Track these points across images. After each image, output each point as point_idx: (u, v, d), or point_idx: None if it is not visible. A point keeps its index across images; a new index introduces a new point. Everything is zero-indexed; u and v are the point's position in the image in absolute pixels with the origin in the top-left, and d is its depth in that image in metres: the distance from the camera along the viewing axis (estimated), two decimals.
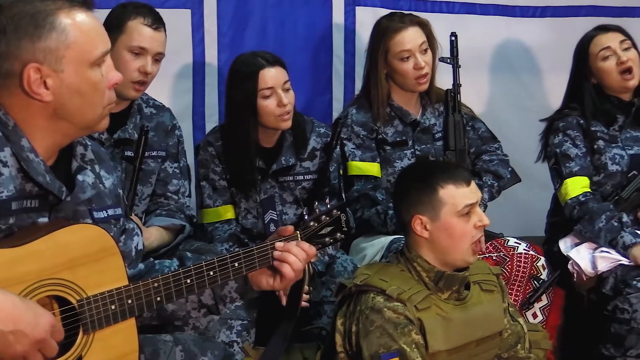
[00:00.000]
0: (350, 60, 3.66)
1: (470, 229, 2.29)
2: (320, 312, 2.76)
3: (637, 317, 2.82)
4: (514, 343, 2.46)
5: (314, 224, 2.03)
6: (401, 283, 2.27)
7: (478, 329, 2.34)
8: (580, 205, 3.03)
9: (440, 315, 2.27)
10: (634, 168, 3.12)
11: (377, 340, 2.20)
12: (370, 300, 2.24)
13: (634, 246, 2.90)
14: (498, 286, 2.45)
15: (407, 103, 3.17)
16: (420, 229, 2.30)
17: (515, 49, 3.95)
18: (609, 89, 3.13)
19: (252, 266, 1.91)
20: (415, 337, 2.21)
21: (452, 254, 2.30)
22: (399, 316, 2.21)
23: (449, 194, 2.28)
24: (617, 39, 3.10)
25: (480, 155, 3.25)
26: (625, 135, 3.15)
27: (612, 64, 3.08)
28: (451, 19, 3.68)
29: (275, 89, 2.79)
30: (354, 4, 3.63)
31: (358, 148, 3.10)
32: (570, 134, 3.12)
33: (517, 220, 3.65)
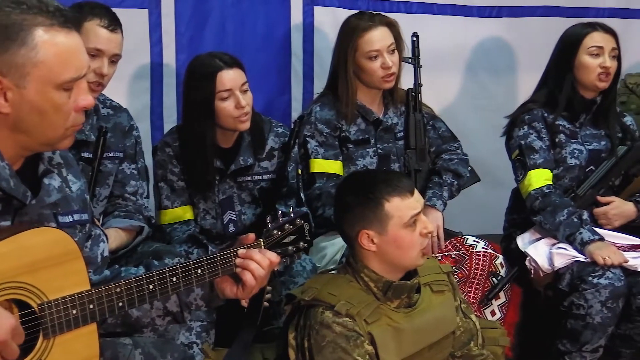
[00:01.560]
0: (309, 60, 3.66)
1: (417, 238, 2.28)
2: (280, 312, 2.75)
3: (593, 313, 2.85)
4: (467, 340, 2.46)
5: (277, 233, 2.02)
6: (350, 296, 2.25)
7: (430, 334, 2.34)
8: (543, 197, 3.06)
9: (391, 325, 2.26)
10: (592, 163, 3.17)
11: (331, 355, 2.19)
12: (319, 315, 2.22)
13: (591, 243, 2.93)
14: (449, 284, 2.45)
15: (370, 102, 3.18)
16: (367, 243, 2.27)
17: (473, 49, 3.98)
18: (580, 84, 3.17)
19: (215, 273, 1.90)
20: (368, 348, 2.20)
21: (401, 263, 2.30)
22: (349, 331, 2.19)
23: (395, 207, 2.25)
24: (611, 44, 3.14)
25: (441, 154, 3.27)
26: (585, 132, 3.20)
27: (595, 63, 3.11)
28: (409, 19, 3.68)
29: (233, 91, 2.77)
30: (312, 3, 3.63)
31: (321, 146, 3.10)
32: (536, 126, 3.15)
33: (476, 218, 3.68)
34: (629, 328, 2.97)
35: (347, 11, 3.45)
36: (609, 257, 2.87)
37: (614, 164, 3.15)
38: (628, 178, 3.20)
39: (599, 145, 3.19)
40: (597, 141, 3.19)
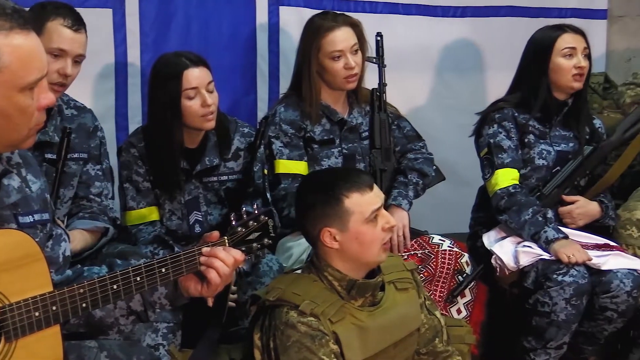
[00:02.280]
0: (275, 60, 3.66)
1: (379, 232, 2.28)
2: (247, 312, 2.74)
3: (557, 310, 2.88)
4: (432, 337, 2.47)
5: (241, 230, 2.02)
6: (314, 295, 2.25)
7: (395, 332, 2.34)
8: (509, 196, 3.08)
9: (356, 324, 2.26)
10: (559, 164, 3.20)
11: (296, 355, 2.19)
12: (284, 315, 2.22)
13: (555, 241, 2.95)
14: (413, 282, 2.45)
15: (335, 102, 3.18)
16: (330, 240, 2.27)
17: (438, 49, 4.01)
18: (553, 86, 3.19)
19: (179, 272, 1.89)
20: (333, 347, 2.20)
21: (363, 259, 2.30)
22: (314, 330, 2.20)
23: (355, 203, 2.25)
24: (582, 44, 3.17)
25: (406, 154, 3.28)
26: (554, 132, 3.22)
27: (570, 64, 3.13)
28: (375, 19, 3.71)
29: (199, 90, 2.76)
30: (278, 3, 3.63)
31: (286, 146, 3.10)
32: (505, 125, 3.17)
33: (442, 217, 3.70)
34: (591, 326, 3.00)
35: (312, 11, 3.45)
36: (573, 255, 2.90)
37: (579, 163, 3.18)
38: (593, 178, 3.24)
39: (567, 146, 3.22)
40: (566, 142, 3.22)
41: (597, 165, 3.22)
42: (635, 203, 3.27)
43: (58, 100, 2.74)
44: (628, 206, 3.26)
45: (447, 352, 2.49)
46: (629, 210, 3.23)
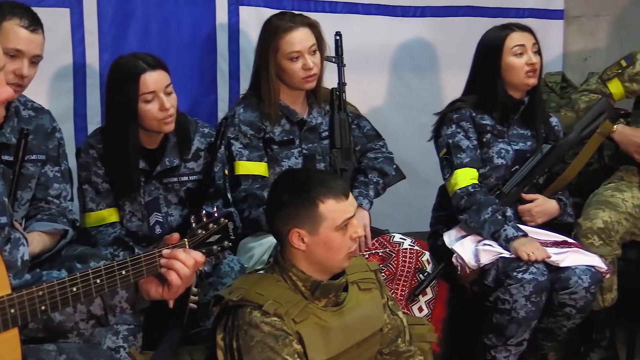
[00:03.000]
0: (235, 60, 3.64)
1: (347, 241, 2.29)
2: (208, 313, 2.72)
3: (517, 307, 2.90)
4: (394, 337, 2.48)
5: (201, 232, 2.02)
6: (278, 295, 2.25)
7: (358, 332, 2.35)
8: (468, 196, 3.10)
9: (319, 324, 2.27)
10: (518, 163, 3.22)
11: (259, 355, 2.19)
12: (247, 315, 2.22)
13: (515, 239, 2.98)
14: (376, 282, 2.47)
15: (294, 102, 3.18)
16: (298, 242, 2.28)
17: (398, 48, 4.02)
18: (508, 85, 3.21)
19: (139, 274, 1.88)
20: (296, 347, 2.21)
21: (328, 264, 2.31)
22: (277, 330, 2.20)
23: (329, 209, 2.26)
24: (531, 40, 3.19)
25: (366, 153, 3.29)
26: (512, 131, 3.25)
27: (522, 62, 3.16)
28: (334, 19, 3.71)
29: (157, 93, 2.74)
30: (238, 3, 3.62)
31: (245, 147, 3.09)
32: (464, 125, 3.19)
33: (402, 216, 3.72)
34: (550, 322, 3.03)
35: (272, 11, 3.44)
36: (533, 253, 2.92)
37: (538, 162, 3.21)
38: (551, 176, 3.27)
39: (525, 145, 3.25)
40: (524, 141, 3.25)
41: (555, 164, 3.26)
42: (595, 211, 3.29)
43: (15, 101, 2.71)
44: (589, 215, 3.28)
45: (409, 352, 2.51)
46: (590, 219, 3.26)
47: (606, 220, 3.25)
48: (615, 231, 3.26)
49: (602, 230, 3.23)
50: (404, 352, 2.49)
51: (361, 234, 2.34)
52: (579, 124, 3.31)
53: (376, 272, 2.50)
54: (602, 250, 3.20)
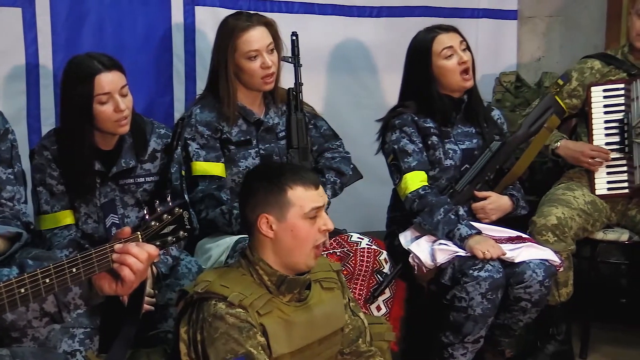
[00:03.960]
0: (191, 61, 3.62)
1: (314, 232, 2.30)
2: (166, 315, 2.72)
3: (474, 305, 2.93)
4: (355, 338, 2.49)
5: (155, 224, 1.98)
6: (243, 288, 2.26)
7: (320, 329, 2.36)
8: (419, 199, 3.12)
9: (282, 318, 2.28)
10: (466, 162, 3.25)
11: (223, 347, 2.18)
12: (212, 307, 2.22)
13: (469, 238, 3.00)
14: (338, 282, 2.48)
15: (251, 102, 3.17)
16: (266, 228, 2.29)
17: (354, 48, 4.03)
18: (444, 87, 3.24)
19: (91, 271, 1.84)
20: (260, 340, 2.21)
21: (294, 256, 2.31)
22: (242, 322, 2.20)
23: (297, 196, 2.28)
24: (457, 39, 3.22)
25: (323, 153, 3.30)
26: (457, 130, 3.28)
27: (454, 63, 3.18)
28: (291, 19, 3.70)
29: (112, 94, 2.70)
30: (193, 3, 3.60)
31: (202, 148, 3.07)
32: (407, 130, 3.21)
33: (360, 215, 3.73)
34: (507, 318, 3.07)
35: (228, 11, 3.42)
36: (488, 251, 2.95)
37: (489, 159, 3.24)
38: (501, 172, 3.30)
39: (472, 143, 3.28)
40: (470, 140, 3.28)
41: (506, 160, 3.29)
42: (549, 209, 3.35)
43: None
44: (542, 212, 3.34)
45: (370, 352, 2.52)
46: (544, 217, 3.32)
47: (559, 216, 3.30)
48: (569, 227, 3.31)
49: (556, 226, 3.28)
50: (364, 352, 2.50)
51: (330, 227, 2.34)
52: (527, 120, 3.37)
53: (338, 273, 2.51)
54: (557, 246, 3.25)
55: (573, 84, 3.63)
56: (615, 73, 3.62)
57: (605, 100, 3.55)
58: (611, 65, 3.63)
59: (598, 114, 3.55)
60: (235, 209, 3.00)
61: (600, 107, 3.55)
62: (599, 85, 3.57)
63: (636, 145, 3.45)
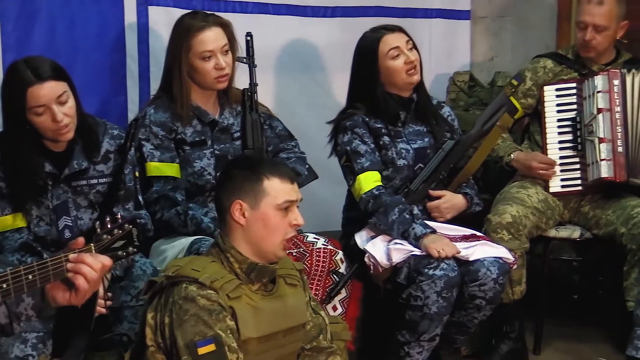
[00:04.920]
0: (145, 61, 3.60)
1: (285, 224, 2.35)
2: (121, 318, 2.70)
3: (429, 303, 2.95)
4: (316, 334, 2.51)
5: (106, 237, 2.01)
6: (213, 272, 2.29)
7: (285, 319, 2.38)
8: (374, 199, 3.13)
9: (251, 304, 2.31)
10: (419, 161, 3.27)
11: (192, 329, 2.19)
12: (183, 290, 2.23)
13: (424, 237, 3.02)
14: (300, 281, 2.51)
15: (205, 102, 3.16)
16: (239, 214, 2.33)
17: (309, 49, 4.04)
18: (392, 86, 3.25)
19: (46, 279, 1.84)
20: (229, 323, 2.23)
21: (264, 246, 2.34)
22: (212, 303, 2.22)
23: (272, 186, 2.33)
24: (403, 39, 3.24)
25: (278, 154, 3.29)
26: (408, 130, 3.30)
27: (400, 63, 3.20)
28: (245, 19, 3.70)
29: (48, 106, 2.62)
30: (147, 3, 3.57)
31: (157, 148, 3.05)
32: (358, 131, 3.22)
33: (316, 215, 3.71)
34: (462, 315, 3.09)
35: (182, 11, 3.40)
36: (443, 250, 2.97)
37: (443, 158, 3.27)
38: (455, 170, 3.32)
39: (424, 142, 3.30)
40: (421, 138, 3.30)
41: (459, 159, 3.31)
42: (503, 207, 3.40)
43: None
44: (497, 210, 3.39)
45: (330, 348, 2.54)
46: (498, 215, 3.36)
47: (514, 214, 3.35)
48: (523, 225, 3.36)
49: (511, 224, 3.33)
50: (325, 347, 2.53)
51: (301, 222, 2.38)
52: (480, 118, 3.41)
53: (301, 272, 2.55)
54: (512, 244, 3.29)
55: (527, 84, 3.68)
56: (567, 72, 3.68)
57: (558, 99, 3.61)
58: (563, 65, 3.69)
59: (551, 113, 3.60)
60: (190, 210, 2.99)
61: (553, 106, 3.60)
62: (552, 84, 3.62)
63: (588, 143, 3.51)
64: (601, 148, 3.47)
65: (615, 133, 3.47)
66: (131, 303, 2.72)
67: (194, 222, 2.99)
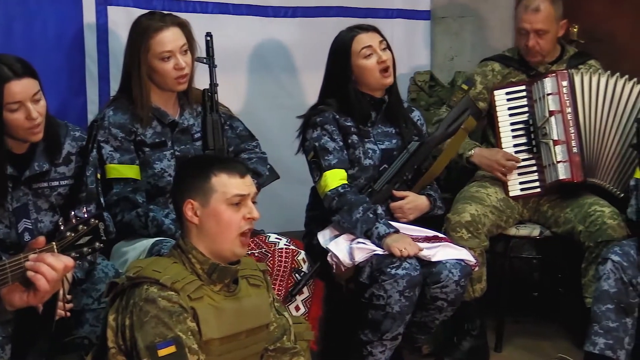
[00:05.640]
0: (104, 61, 3.56)
1: (238, 219, 2.34)
2: (82, 321, 2.68)
3: (392, 302, 2.96)
4: (280, 335, 2.52)
5: (70, 234, 1.98)
6: (175, 274, 2.28)
7: (248, 320, 2.39)
8: (339, 197, 3.14)
9: (212, 305, 2.30)
10: (385, 162, 3.29)
11: (152, 331, 2.19)
12: (144, 291, 2.23)
13: (387, 236, 3.04)
14: (264, 282, 2.51)
15: (165, 103, 3.14)
16: (191, 214, 2.33)
17: (270, 49, 4.03)
18: (365, 86, 3.27)
19: (4, 281, 1.82)
20: (190, 325, 2.23)
21: (220, 243, 2.34)
22: (173, 305, 2.21)
23: (220, 182, 2.33)
24: (377, 38, 3.25)
25: (239, 154, 3.29)
26: (377, 130, 3.31)
27: (373, 62, 3.21)
28: (205, 19, 3.69)
29: (23, 102, 2.59)
30: (106, 3, 3.54)
31: (116, 150, 3.03)
32: (328, 128, 3.23)
33: (278, 216, 3.73)
34: (423, 316, 3.12)
35: (142, 11, 3.37)
36: (405, 249, 2.99)
37: (407, 159, 3.28)
38: (420, 172, 3.35)
39: (391, 143, 3.31)
40: (389, 140, 3.32)
41: (424, 160, 3.34)
42: (463, 206, 3.43)
43: None
44: (457, 209, 3.42)
45: (294, 349, 2.55)
46: (458, 214, 3.40)
47: (473, 213, 3.38)
48: (482, 224, 3.39)
49: (470, 223, 3.36)
50: (289, 348, 2.53)
51: (255, 215, 2.38)
52: (444, 120, 3.42)
53: (264, 273, 2.55)
54: (471, 242, 3.32)
55: (478, 88, 3.73)
56: (515, 74, 3.73)
57: (509, 102, 3.65)
58: (510, 67, 3.74)
59: (503, 116, 3.65)
60: (151, 212, 2.97)
61: (505, 109, 3.65)
62: (501, 88, 3.67)
63: (543, 145, 3.56)
64: (556, 150, 3.53)
65: (568, 134, 3.52)
66: (93, 306, 2.70)
67: (155, 223, 2.97)
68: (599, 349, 3.09)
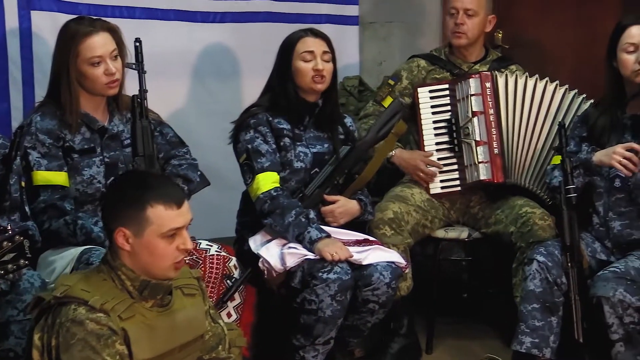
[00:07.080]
0: (28, 67, 3.50)
1: (172, 250, 2.28)
2: (7, 333, 2.61)
3: (324, 307, 2.97)
4: (215, 345, 2.50)
5: None
6: (104, 292, 2.22)
7: (182, 334, 2.35)
8: (271, 200, 3.13)
9: (145, 323, 2.26)
10: (316, 165, 3.30)
11: (79, 354, 2.13)
12: (71, 312, 2.17)
13: (319, 241, 3.04)
14: (199, 289, 2.48)
15: (94, 109, 3.09)
16: (122, 241, 2.26)
17: (199, 54, 4.01)
18: (299, 88, 3.27)
19: None
20: (119, 348, 2.17)
21: (152, 270, 2.28)
22: (102, 327, 2.16)
23: (156, 215, 2.24)
24: (322, 47, 3.26)
25: (169, 160, 3.25)
26: (309, 134, 3.32)
27: (308, 67, 3.22)
28: (133, 24, 3.64)
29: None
30: (29, 7, 3.47)
31: (44, 157, 2.97)
32: (261, 130, 3.23)
33: (208, 222, 3.68)
34: (355, 319, 3.14)
35: (67, 16, 3.31)
36: (336, 253, 3.00)
37: (338, 163, 3.30)
38: (351, 176, 3.36)
39: (323, 148, 3.33)
40: (321, 144, 3.33)
41: (354, 165, 3.35)
42: (386, 204, 3.48)
43: None
44: (380, 207, 3.46)
45: (229, 358, 2.53)
46: (381, 211, 3.43)
47: (396, 211, 3.42)
48: (405, 221, 3.43)
49: (393, 220, 3.40)
50: (224, 358, 2.52)
51: (189, 247, 2.30)
52: (375, 125, 3.44)
53: (199, 280, 2.51)
54: (394, 239, 3.36)
55: (404, 83, 3.77)
56: (439, 72, 3.77)
57: (432, 100, 3.69)
58: (436, 65, 3.79)
59: (426, 114, 3.68)
60: (79, 219, 2.92)
61: (428, 107, 3.69)
62: (425, 86, 3.71)
63: (465, 145, 3.61)
64: (478, 151, 3.58)
65: (491, 135, 3.58)
66: (18, 317, 2.62)
67: (84, 231, 2.92)
68: (526, 348, 3.15)
